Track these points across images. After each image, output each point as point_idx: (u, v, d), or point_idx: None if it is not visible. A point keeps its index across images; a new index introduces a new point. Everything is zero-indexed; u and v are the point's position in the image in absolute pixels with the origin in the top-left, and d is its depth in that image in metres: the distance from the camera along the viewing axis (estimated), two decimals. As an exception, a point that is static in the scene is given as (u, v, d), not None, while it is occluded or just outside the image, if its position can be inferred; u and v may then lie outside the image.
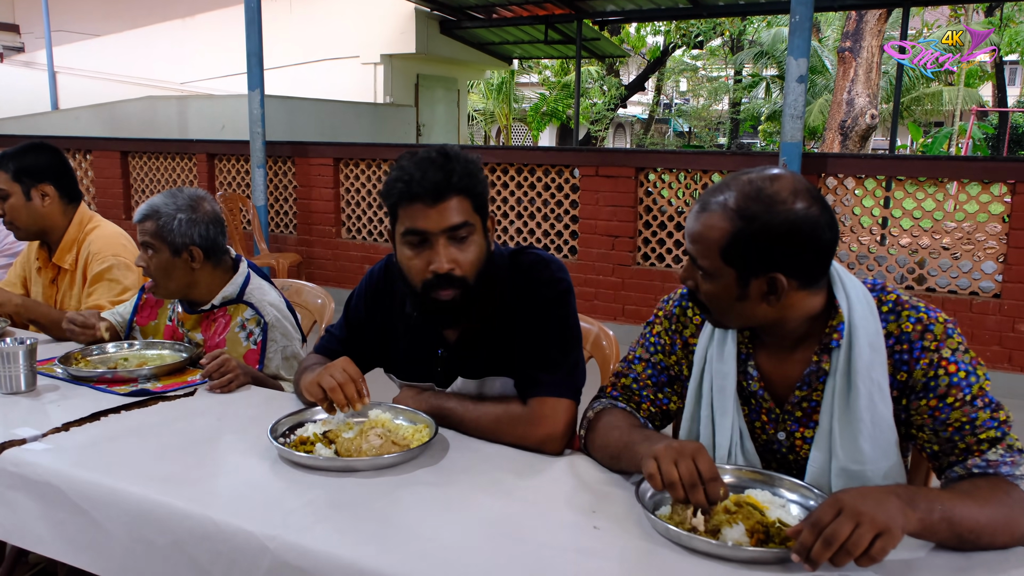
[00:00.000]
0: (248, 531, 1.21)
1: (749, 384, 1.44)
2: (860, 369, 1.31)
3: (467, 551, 1.16)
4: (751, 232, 1.26)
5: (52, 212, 2.48)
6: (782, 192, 1.26)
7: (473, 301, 1.57)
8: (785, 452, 1.44)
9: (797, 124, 4.97)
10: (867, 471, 1.34)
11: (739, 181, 1.30)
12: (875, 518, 1.07)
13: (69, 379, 1.90)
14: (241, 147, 7.11)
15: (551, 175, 6.09)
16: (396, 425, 1.61)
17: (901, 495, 1.14)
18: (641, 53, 22.59)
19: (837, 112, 11.97)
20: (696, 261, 1.33)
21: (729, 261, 1.29)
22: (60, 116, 11.26)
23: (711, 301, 1.36)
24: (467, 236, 1.53)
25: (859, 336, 1.32)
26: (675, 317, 1.54)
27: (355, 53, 12.28)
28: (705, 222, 1.30)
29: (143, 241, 2.03)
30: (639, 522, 1.26)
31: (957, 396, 1.28)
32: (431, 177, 1.49)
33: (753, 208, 1.26)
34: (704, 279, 1.34)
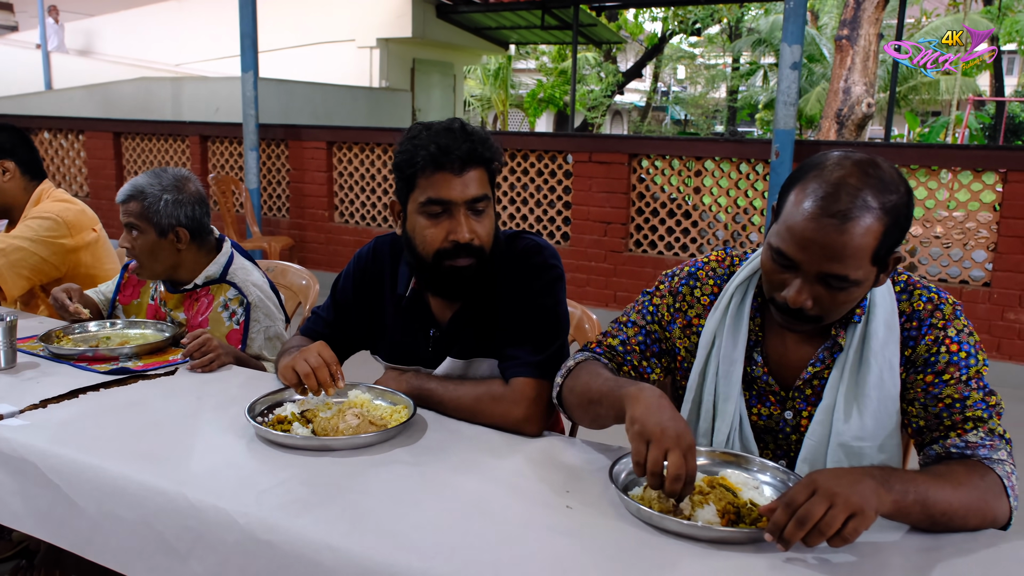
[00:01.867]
0: (219, 507, 1.21)
1: (753, 370, 1.44)
2: (874, 346, 1.33)
3: (437, 530, 1.16)
4: (895, 222, 1.21)
5: (13, 188, 2.49)
6: (892, 173, 1.22)
7: (485, 271, 1.59)
8: (789, 432, 1.44)
9: (790, 111, 4.96)
10: (865, 448, 1.35)
11: (852, 175, 1.19)
12: (849, 499, 1.07)
13: (50, 357, 1.90)
14: (234, 129, 7.08)
15: (544, 161, 6.07)
16: (375, 405, 1.61)
17: (876, 476, 1.14)
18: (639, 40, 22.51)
19: (834, 100, 11.95)
20: (840, 279, 1.21)
21: (877, 261, 1.23)
22: (53, 96, 11.20)
23: (836, 309, 1.28)
24: (484, 209, 1.56)
25: (877, 313, 1.33)
26: (681, 295, 1.51)
27: (351, 37, 12.22)
28: (855, 231, 1.18)
29: (127, 222, 2.01)
30: (612, 502, 1.26)
31: (954, 374, 1.30)
32: (458, 147, 1.50)
33: (891, 198, 1.20)
34: (841, 292, 1.24)
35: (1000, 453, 1.26)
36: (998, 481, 1.23)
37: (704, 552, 1.13)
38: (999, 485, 1.23)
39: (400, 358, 1.77)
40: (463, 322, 1.68)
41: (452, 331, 1.69)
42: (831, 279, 1.23)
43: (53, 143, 8.35)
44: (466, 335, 1.69)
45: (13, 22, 17.65)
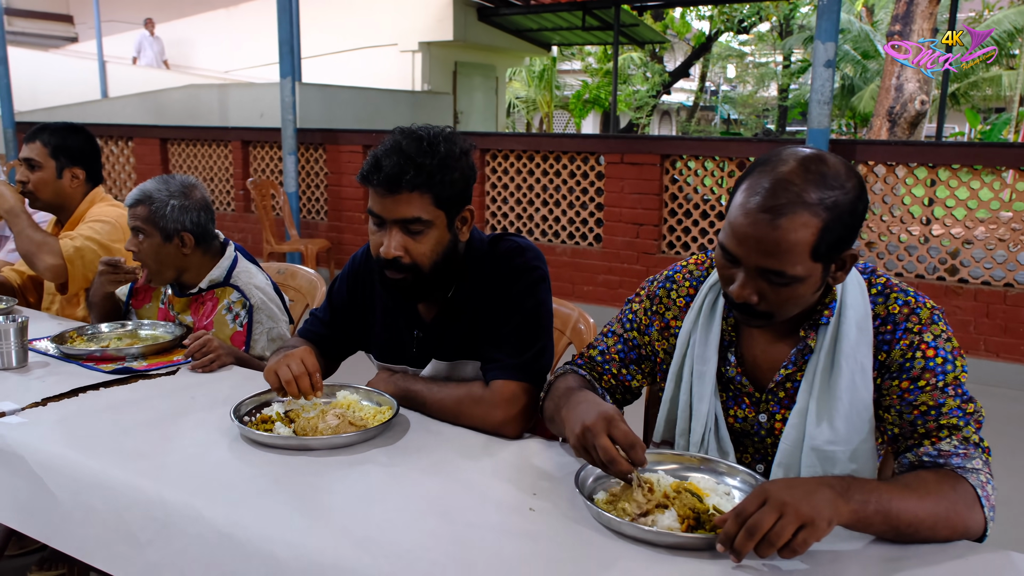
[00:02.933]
0: (187, 500, 1.25)
1: (727, 370, 1.43)
2: (845, 349, 1.30)
3: (394, 529, 1.18)
4: (837, 218, 1.19)
5: (76, 192, 2.59)
6: (839, 168, 1.21)
7: (426, 286, 1.59)
8: (764, 435, 1.42)
9: (824, 110, 4.87)
10: (837, 452, 1.32)
11: (793, 171, 1.19)
12: (799, 509, 1.05)
13: (60, 357, 1.97)
14: (274, 134, 7.23)
15: (576, 162, 6.07)
16: (361, 406, 1.64)
17: (835, 486, 1.12)
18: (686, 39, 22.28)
19: (885, 98, 11.66)
20: (778, 274, 1.21)
21: (818, 257, 1.20)
22: (108, 104, 11.58)
23: (783, 306, 1.27)
24: (421, 230, 1.54)
25: (848, 315, 1.31)
26: (658, 298, 1.52)
27: (393, 41, 12.37)
28: (788, 227, 1.17)
29: (134, 226, 2.07)
30: (576, 506, 1.26)
31: (929, 380, 1.26)
32: (387, 170, 1.49)
33: (832, 194, 1.18)
34: (782, 287, 1.23)
35: (975, 462, 1.23)
36: (971, 491, 1.20)
37: (658, 557, 1.13)
38: (972, 495, 1.20)
39: (389, 358, 1.80)
40: (446, 324, 1.70)
41: (436, 332, 1.71)
42: (770, 274, 1.22)
43: (104, 149, 8.63)
44: (450, 337, 1.70)
45: (73, 33, 18.31)
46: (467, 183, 1.59)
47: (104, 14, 14.18)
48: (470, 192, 1.62)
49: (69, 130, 2.58)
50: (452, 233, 1.59)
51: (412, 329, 1.74)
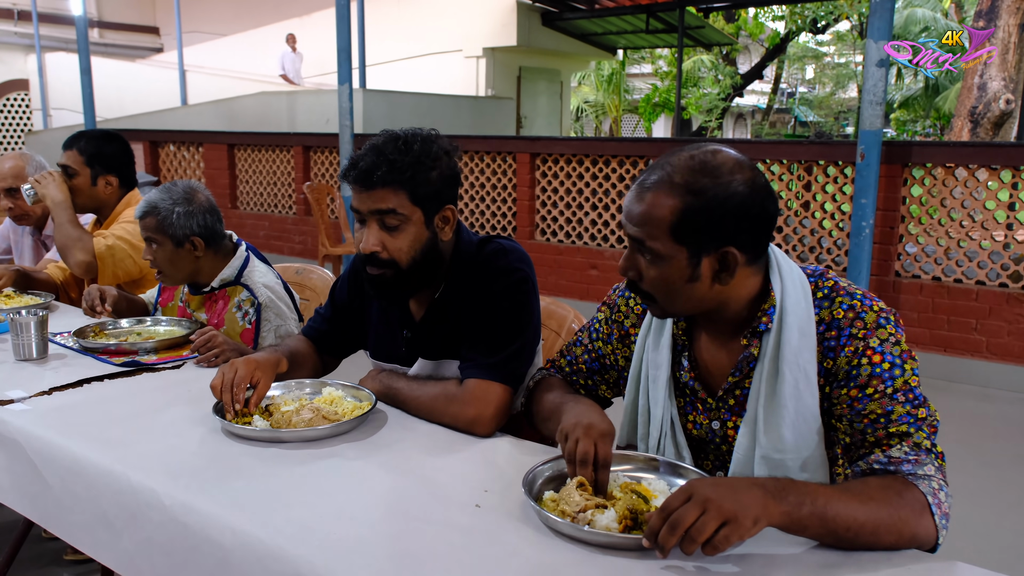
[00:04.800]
0: (153, 488, 1.31)
1: (681, 375, 1.43)
2: (787, 355, 1.28)
3: (338, 521, 1.21)
4: (702, 205, 1.22)
5: (110, 197, 2.73)
6: (727, 163, 1.24)
7: (405, 282, 1.63)
8: (719, 442, 1.42)
9: (877, 111, 4.72)
10: (787, 460, 1.31)
11: (679, 157, 1.26)
12: (722, 506, 1.05)
13: (78, 349, 2.09)
14: (333, 139, 7.42)
15: (625, 166, 6.03)
16: (342, 402, 1.68)
17: (768, 487, 1.11)
18: (760, 40, 21.82)
19: (967, 97, 11.20)
20: (643, 245, 1.27)
21: (680, 239, 1.24)
22: (186, 112, 12.09)
23: (658, 287, 1.30)
24: (398, 225, 1.58)
25: (789, 321, 1.29)
26: (616, 307, 1.54)
27: (458, 47, 12.52)
28: (651, 201, 1.24)
29: (146, 236, 2.16)
30: (523, 504, 1.27)
31: (877, 388, 1.23)
32: (363, 165, 1.56)
33: (702, 181, 1.22)
34: (651, 264, 1.28)
35: (926, 468, 1.19)
36: (920, 498, 1.16)
37: (591, 557, 1.13)
38: (921, 502, 1.16)
39: (382, 356, 1.85)
40: (432, 323, 1.73)
41: (423, 332, 1.75)
42: (637, 244, 1.29)
43: (177, 155, 9.01)
44: (436, 336, 1.73)
45: (159, 44, 19.17)
46: (447, 183, 1.63)
47: (185, 25, 14.81)
48: (452, 192, 1.66)
49: (104, 138, 2.72)
50: (431, 231, 1.63)
51: (402, 328, 1.78)
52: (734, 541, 1.05)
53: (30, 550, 2.50)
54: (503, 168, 6.69)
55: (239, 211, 8.57)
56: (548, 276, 6.37)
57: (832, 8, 18.07)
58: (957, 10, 20.34)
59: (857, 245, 4.80)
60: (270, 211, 8.38)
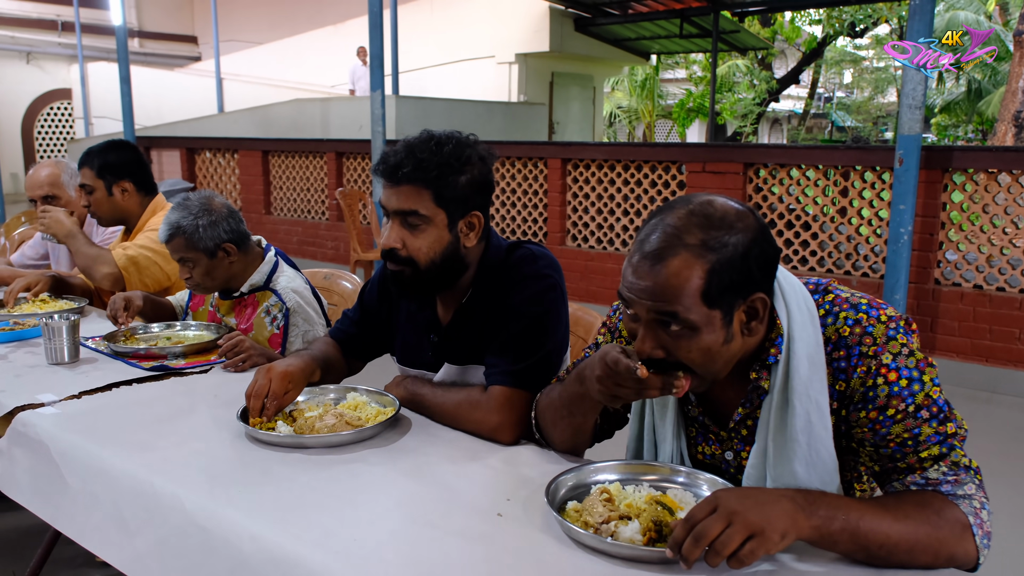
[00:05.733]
0: (174, 492, 1.31)
1: (689, 410, 1.39)
2: (797, 387, 1.21)
3: (358, 527, 1.20)
4: (727, 260, 1.13)
5: (130, 204, 2.76)
6: (729, 211, 1.17)
7: (422, 284, 1.62)
8: (734, 472, 1.37)
9: (916, 115, 4.62)
10: None
11: (675, 218, 1.16)
12: (747, 518, 1.02)
13: (109, 354, 2.11)
14: (365, 146, 7.47)
15: (657, 171, 5.99)
16: (366, 407, 1.67)
17: (797, 499, 1.07)
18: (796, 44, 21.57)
19: (1011, 101, 10.98)
20: (672, 319, 1.15)
21: (712, 302, 1.14)
22: (222, 119, 12.26)
23: (696, 358, 1.18)
24: (419, 225, 1.58)
25: (797, 349, 1.21)
26: (617, 331, 1.49)
27: (491, 53, 12.56)
28: (671, 271, 1.13)
29: (178, 258, 2.17)
30: (545, 514, 1.25)
31: (899, 408, 1.17)
32: (392, 161, 1.57)
33: (717, 235, 1.14)
34: (682, 337, 1.16)
35: (966, 487, 1.14)
36: (962, 518, 1.11)
37: (614, 570, 1.10)
38: (962, 523, 1.11)
39: (409, 361, 1.84)
40: (459, 328, 1.72)
41: (450, 337, 1.73)
42: (664, 319, 1.16)
43: (212, 161, 9.14)
44: (462, 341, 1.72)
45: (197, 53, 19.51)
46: (476, 188, 1.61)
47: (223, 34, 15.05)
48: (481, 199, 1.64)
49: (110, 148, 2.75)
50: (454, 235, 1.61)
51: (429, 333, 1.77)
52: (760, 555, 1.02)
53: (62, 552, 2.52)
54: (534, 174, 6.67)
55: (273, 217, 8.67)
56: (579, 282, 6.34)
57: (871, 11, 17.80)
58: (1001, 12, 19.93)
59: (895, 252, 4.70)
60: (303, 217, 8.46)
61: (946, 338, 4.85)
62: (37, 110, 17.30)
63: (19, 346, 2.19)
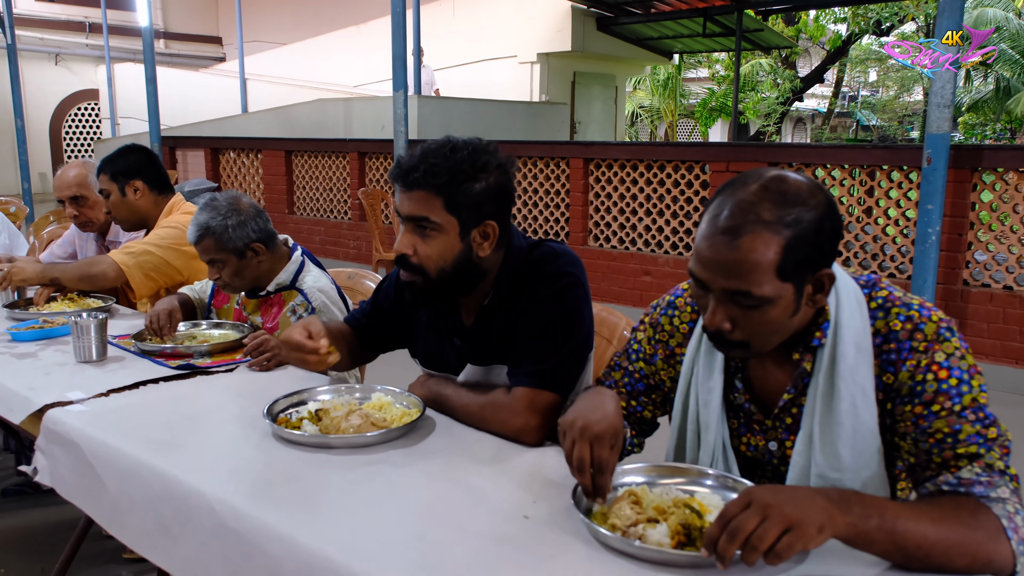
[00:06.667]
0: (203, 493, 1.32)
1: (735, 398, 1.38)
2: (843, 371, 1.23)
3: (384, 529, 1.20)
4: (802, 236, 1.15)
5: (145, 203, 2.79)
6: (802, 186, 1.18)
7: (433, 293, 1.61)
8: (777, 463, 1.37)
9: (944, 114, 4.55)
10: (845, 479, 1.26)
11: (750, 193, 1.16)
12: (783, 512, 1.01)
13: (136, 352, 2.13)
14: (388, 146, 7.49)
15: (681, 171, 5.95)
16: (391, 408, 1.67)
17: (832, 496, 1.06)
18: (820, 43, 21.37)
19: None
20: (746, 295, 1.16)
21: (787, 277, 1.16)
22: (246, 119, 12.34)
23: (759, 331, 1.21)
24: (430, 232, 1.56)
25: (844, 335, 1.24)
26: (660, 326, 1.49)
27: (512, 53, 12.55)
28: (747, 247, 1.14)
29: (208, 260, 2.18)
30: (572, 516, 1.24)
31: (944, 404, 1.17)
32: (404, 165, 1.56)
33: (792, 211, 1.14)
34: (753, 310, 1.18)
35: (1000, 491, 1.12)
36: (995, 521, 1.10)
37: (641, 573, 1.09)
38: (996, 525, 1.09)
39: (432, 364, 1.83)
40: (482, 329, 1.71)
41: (473, 338, 1.72)
42: (737, 296, 1.17)
43: (236, 161, 9.21)
44: (486, 342, 1.71)
45: (221, 54, 19.67)
46: (491, 197, 1.58)
47: (247, 35, 15.16)
48: (498, 209, 1.60)
49: (120, 152, 2.80)
50: (466, 244, 1.58)
51: (452, 336, 1.76)
52: (798, 549, 1.00)
53: (89, 548, 2.55)
54: (556, 173, 6.66)
55: (296, 216, 8.72)
56: (601, 282, 6.32)
57: (897, 9, 17.58)
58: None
59: (923, 252, 4.64)
60: (326, 216, 8.50)
61: (975, 340, 4.77)
62: (65, 111, 17.53)
63: (48, 344, 2.21)
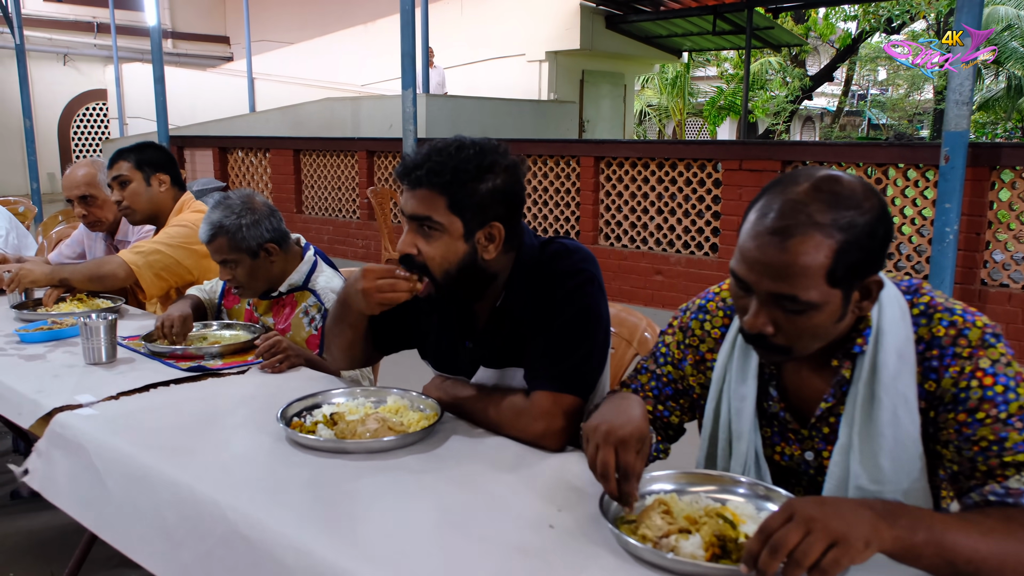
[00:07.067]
0: (216, 500, 1.27)
1: (770, 406, 1.33)
2: (884, 379, 1.18)
3: (401, 539, 1.16)
4: (855, 240, 1.09)
5: (165, 198, 2.76)
6: (856, 188, 1.12)
7: (441, 295, 1.57)
8: (813, 474, 1.32)
9: (963, 111, 4.48)
10: (885, 491, 1.21)
11: (801, 192, 1.11)
12: (828, 525, 0.95)
13: (146, 354, 2.09)
14: (397, 145, 7.45)
15: (692, 169, 5.89)
16: (407, 412, 1.63)
17: (877, 508, 1.01)
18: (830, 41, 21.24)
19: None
20: (792, 300, 1.11)
21: (836, 282, 1.11)
22: (254, 118, 12.32)
23: (802, 337, 1.16)
24: (432, 232, 1.51)
25: (886, 342, 1.19)
26: (690, 331, 1.43)
27: (521, 51, 12.49)
28: (797, 249, 1.08)
29: (221, 260, 2.14)
30: (598, 525, 1.20)
31: (989, 412, 1.12)
32: (408, 163, 1.52)
33: (846, 214, 1.09)
34: (797, 315, 1.13)
35: None
36: None
37: (675, 587, 1.05)
38: None
39: (444, 367, 1.78)
40: (495, 331, 1.66)
41: (485, 341, 1.68)
42: (783, 300, 1.12)
43: (245, 160, 9.18)
44: (499, 344, 1.66)
45: (229, 53, 19.66)
46: (497, 198, 1.52)
47: (255, 34, 15.12)
48: (504, 210, 1.54)
49: (144, 145, 2.78)
50: (470, 246, 1.53)
51: (464, 340, 1.71)
52: (845, 565, 0.95)
53: (100, 551, 2.51)
54: (566, 172, 6.61)
55: (304, 215, 8.69)
56: (612, 282, 6.26)
57: (908, 6, 17.46)
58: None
59: (940, 252, 4.57)
60: (334, 215, 8.47)
61: (993, 340, 4.70)
62: (73, 111, 17.54)
63: (57, 345, 2.18)
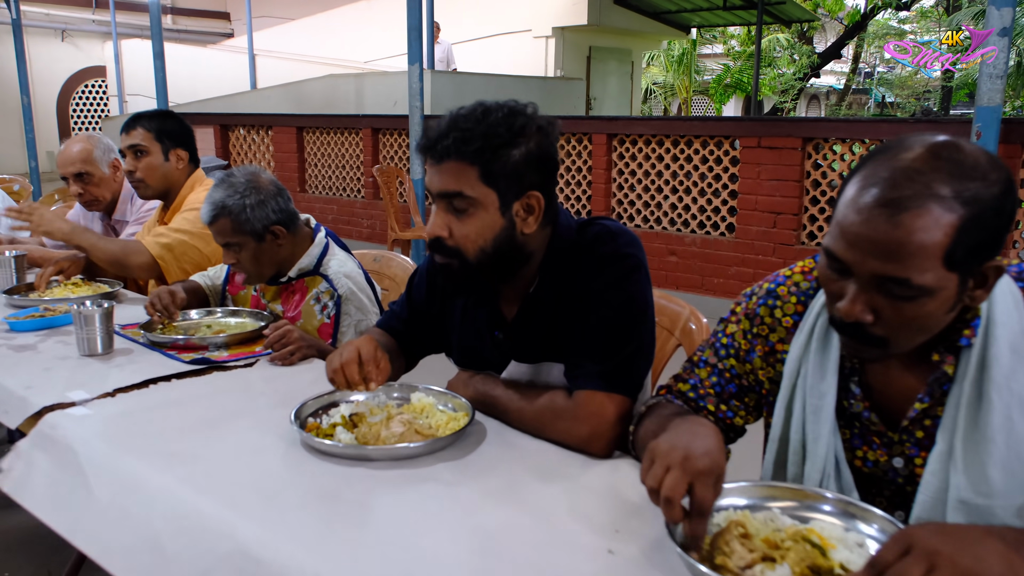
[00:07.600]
0: (223, 515, 1.12)
1: (851, 405, 1.16)
2: (996, 377, 1.02)
3: (438, 566, 1.00)
4: (979, 216, 0.93)
5: (180, 175, 2.58)
6: (981, 158, 0.95)
7: (473, 277, 1.41)
8: (902, 483, 1.15)
9: (997, 85, 4.29)
10: (995, 506, 1.03)
11: (917, 159, 0.94)
12: (956, 561, 0.80)
13: (146, 344, 1.93)
14: (403, 122, 7.26)
15: (709, 147, 5.70)
16: (434, 411, 1.47)
17: (1008, 538, 0.85)
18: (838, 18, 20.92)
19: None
20: (901, 284, 0.95)
21: (954, 266, 0.94)
22: (255, 95, 12.11)
23: (906, 328, 1.00)
24: (466, 208, 1.35)
25: (998, 335, 1.02)
26: (759, 318, 1.25)
27: (527, 27, 12.26)
28: (912, 224, 0.92)
29: (224, 243, 1.96)
30: (664, 550, 1.04)
31: None
32: (432, 134, 1.36)
33: (971, 186, 0.92)
34: (905, 302, 0.97)
35: None
36: None
37: (763, 628, 0.89)
38: None
39: (469, 361, 1.62)
40: (528, 322, 1.49)
41: (517, 332, 1.51)
42: (890, 284, 0.95)
43: (247, 138, 8.99)
44: (532, 337, 1.49)
45: (229, 29, 19.36)
46: (533, 164, 1.37)
47: (255, 10, 14.85)
48: (541, 177, 1.39)
49: (165, 114, 2.59)
50: (508, 220, 1.37)
51: (492, 330, 1.55)
52: None
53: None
54: (578, 150, 6.42)
55: (308, 195, 8.50)
56: (625, 263, 6.10)
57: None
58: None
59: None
60: (339, 195, 8.28)
61: None
62: (72, 88, 17.29)
63: (49, 334, 2.01)
